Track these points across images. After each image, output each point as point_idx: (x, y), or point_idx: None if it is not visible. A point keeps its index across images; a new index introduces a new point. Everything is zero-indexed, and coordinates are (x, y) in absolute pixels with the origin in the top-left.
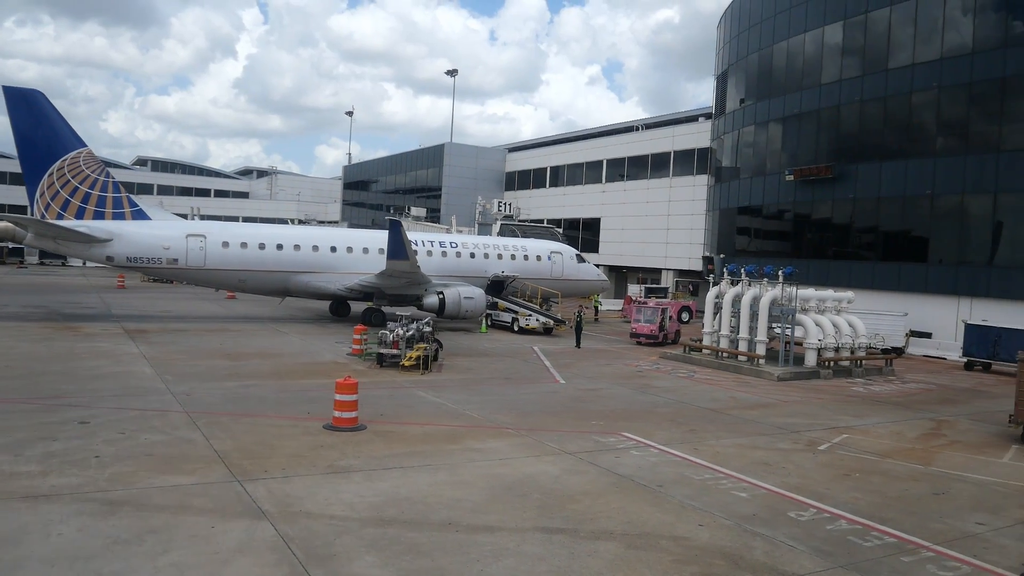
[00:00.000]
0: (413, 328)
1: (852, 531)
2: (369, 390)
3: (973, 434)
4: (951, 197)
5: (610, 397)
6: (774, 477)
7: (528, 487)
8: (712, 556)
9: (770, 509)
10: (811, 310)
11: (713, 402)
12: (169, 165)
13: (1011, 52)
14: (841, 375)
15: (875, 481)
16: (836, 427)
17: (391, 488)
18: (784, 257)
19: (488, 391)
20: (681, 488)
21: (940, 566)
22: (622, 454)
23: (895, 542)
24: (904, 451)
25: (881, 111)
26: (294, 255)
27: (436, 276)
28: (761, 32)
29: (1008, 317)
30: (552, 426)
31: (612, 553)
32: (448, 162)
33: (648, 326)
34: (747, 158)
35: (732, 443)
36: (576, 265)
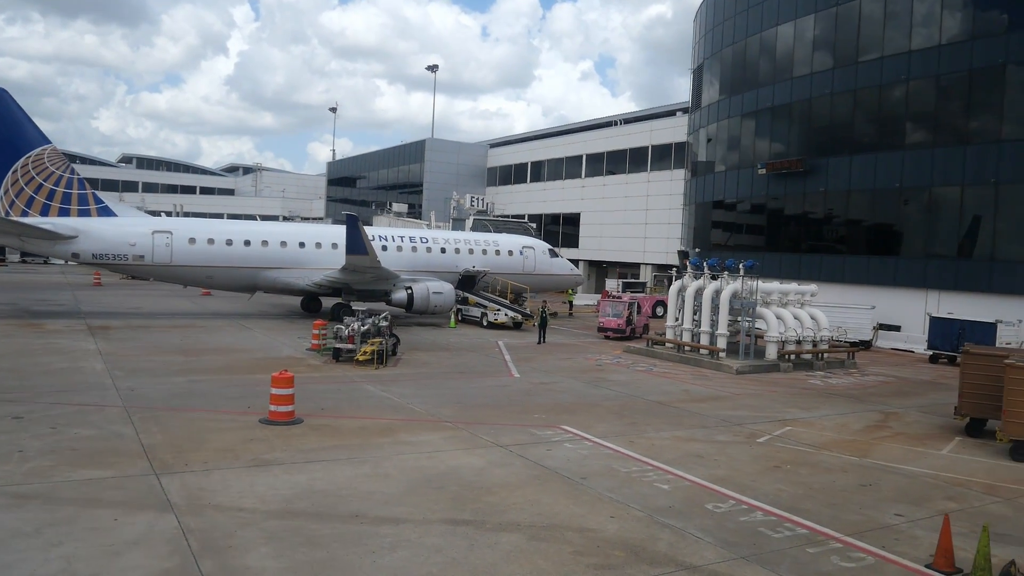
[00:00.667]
0: (369, 323)
1: (765, 523)
2: (317, 384)
3: (919, 426)
4: (919, 190)
5: (561, 391)
6: (702, 469)
7: (448, 480)
8: (614, 548)
9: (689, 501)
10: (773, 303)
11: (664, 395)
12: (154, 162)
13: (977, 45)
14: (802, 368)
15: (804, 473)
16: (782, 419)
17: (308, 481)
18: (758, 251)
19: (438, 385)
20: (604, 480)
21: (844, 557)
22: (555, 447)
23: (806, 533)
24: (843, 443)
25: (851, 104)
26: (262, 251)
27: (406, 271)
28: (735, 26)
29: (975, 310)
30: (493, 419)
31: (512, 545)
32: (429, 158)
33: (615, 320)
34: (722, 152)
35: (670, 435)
36: (549, 260)
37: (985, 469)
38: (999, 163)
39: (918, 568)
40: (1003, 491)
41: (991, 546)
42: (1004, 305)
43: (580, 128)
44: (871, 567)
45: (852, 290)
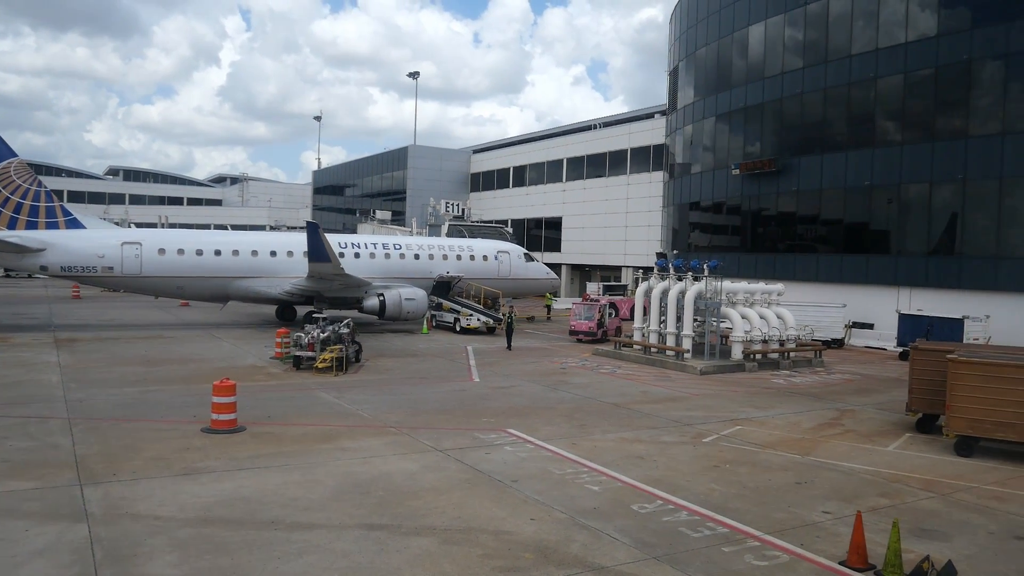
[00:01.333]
0: (329, 330)
1: (688, 522)
2: (271, 392)
3: (872, 423)
4: (889, 188)
5: (517, 394)
6: (639, 470)
7: (377, 485)
8: (525, 550)
9: (616, 502)
10: (739, 303)
11: (620, 397)
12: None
13: (943, 42)
14: (768, 367)
15: (742, 472)
16: (734, 419)
17: (234, 489)
18: (735, 251)
19: (394, 391)
20: (535, 483)
21: (759, 555)
22: (494, 450)
23: (727, 532)
24: (790, 441)
25: (821, 103)
26: (233, 260)
27: (380, 278)
28: (707, 27)
29: (946, 306)
30: (439, 424)
31: (422, 548)
32: (412, 164)
33: (586, 323)
34: (698, 153)
35: (616, 437)
36: (524, 264)
37: (927, 465)
38: (966, 160)
39: (831, 565)
40: (941, 487)
41: (915, 543)
42: (974, 301)
43: (560, 132)
44: (784, 565)
45: (827, 289)
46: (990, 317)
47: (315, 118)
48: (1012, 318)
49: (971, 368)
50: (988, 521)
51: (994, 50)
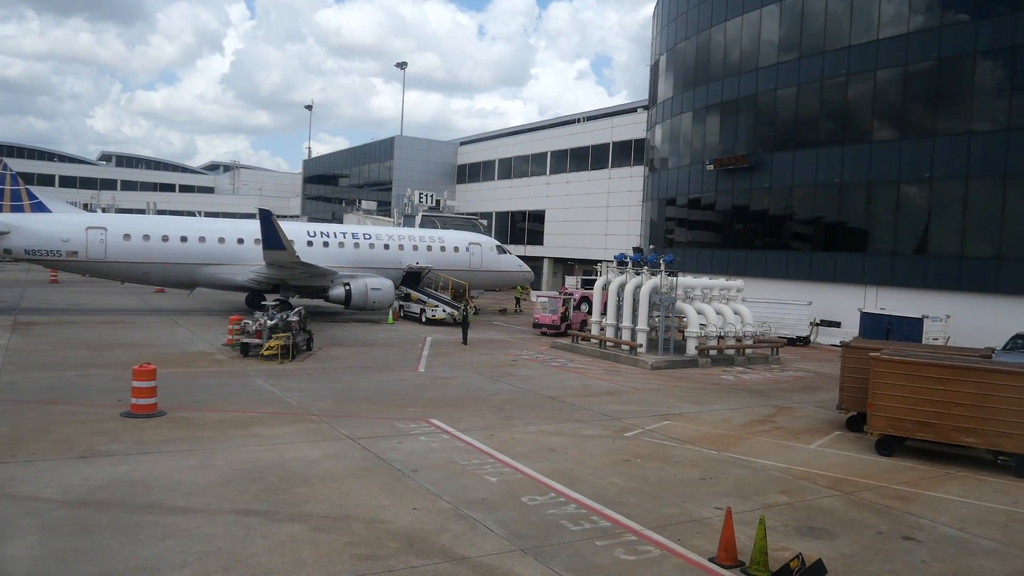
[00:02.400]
0: (277, 318)
1: (573, 515)
2: (208, 379)
3: (806, 421)
4: (857, 186)
5: (456, 385)
6: (546, 463)
7: (271, 471)
8: (393, 539)
9: (508, 494)
10: (696, 298)
11: (561, 390)
12: (134, 160)
13: (913, 40)
14: (722, 363)
15: (651, 467)
16: (667, 414)
17: (126, 472)
18: (710, 247)
19: (332, 380)
20: (434, 473)
21: (629, 550)
22: (408, 440)
23: (608, 526)
24: (713, 437)
25: (794, 99)
26: (199, 247)
27: (348, 267)
28: (687, 21)
29: (911, 305)
30: (364, 413)
31: (289, 535)
32: (398, 155)
33: (550, 316)
34: (676, 148)
35: (537, 430)
36: (496, 256)
37: (844, 463)
38: (933, 159)
39: (700, 561)
40: (848, 485)
41: (798, 540)
42: (939, 300)
43: (545, 125)
44: (651, 560)
45: (796, 286)
46: (951, 317)
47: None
48: (974, 318)
49: (892, 367)
50: (882, 521)
51: (962, 49)
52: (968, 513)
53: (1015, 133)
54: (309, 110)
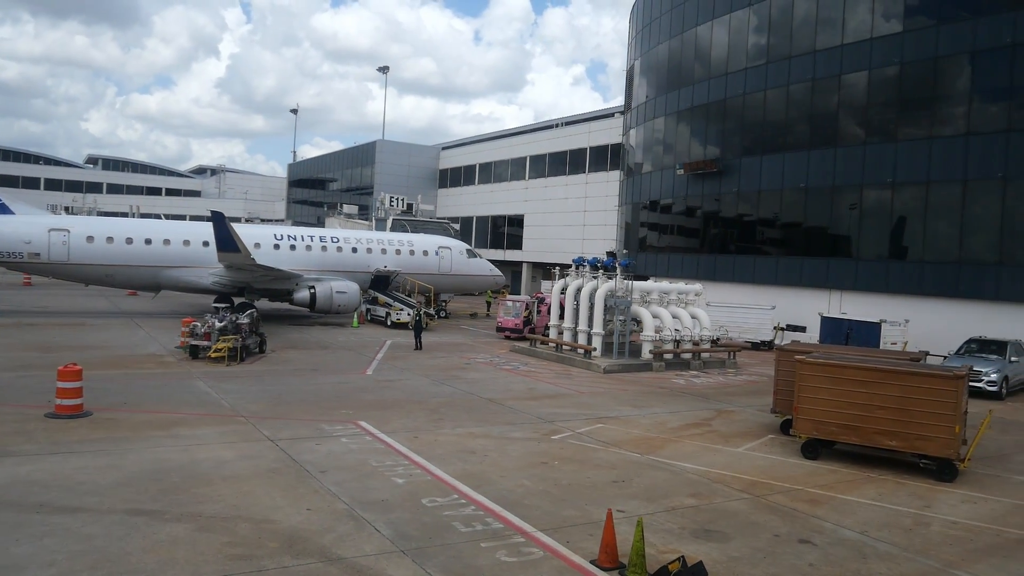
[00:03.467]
0: (227, 320)
1: (469, 517)
2: (149, 380)
3: (742, 424)
4: (822, 191)
5: (398, 388)
6: (460, 465)
7: (177, 472)
8: (274, 539)
9: (409, 495)
10: (653, 302)
11: (503, 393)
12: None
13: (876, 45)
14: (678, 367)
15: (566, 469)
16: (603, 417)
17: (28, 472)
18: (681, 252)
19: (275, 382)
20: (342, 474)
21: (513, 552)
22: (328, 441)
23: (500, 528)
24: (642, 440)
25: (761, 105)
26: (164, 250)
27: (315, 270)
28: (661, 26)
29: (875, 310)
30: (295, 415)
31: (171, 535)
32: (380, 159)
33: (512, 320)
34: (650, 153)
35: (464, 432)
36: (466, 260)
37: (766, 466)
38: (895, 164)
39: (580, 563)
40: (761, 488)
41: (690, 543)
42: (901, 304)
43: (525, 130)
44: (530, 563)
45: (764, 291)
46: (909, 321)
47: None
48: (936, 322)
49: (816, 370)
50: (784, 524)
51: (923, 54)
52: (876, 516)
53: (974, 138)
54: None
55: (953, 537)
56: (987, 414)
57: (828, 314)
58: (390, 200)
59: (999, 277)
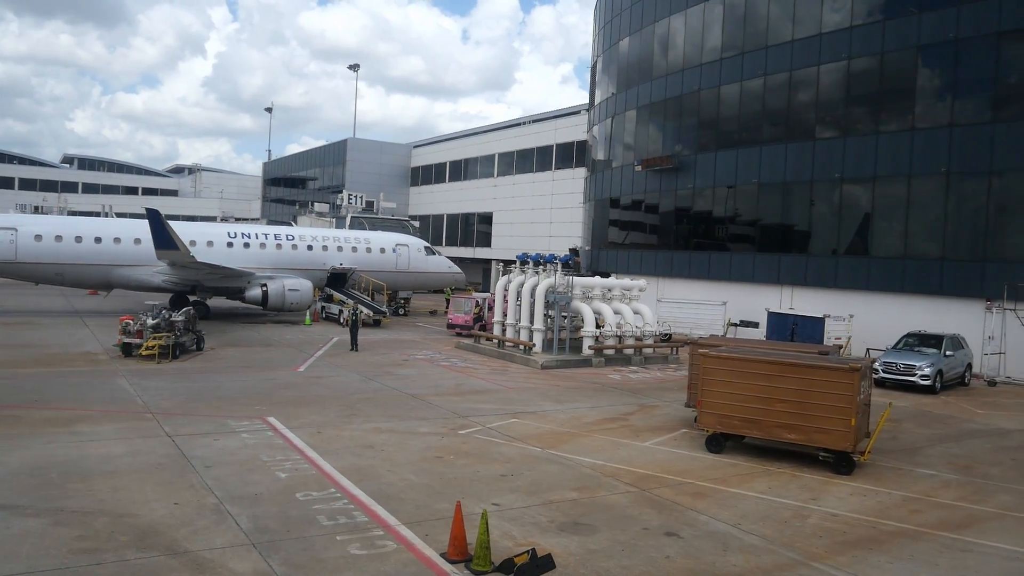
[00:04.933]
0: (160, 318)
1: (337, 511)
2: (74, 377)
3: (660, 419)
4: (774, 187)
5: (324, 385)
6: (352, 459)
7: (60, 468)
8: (128, 533)
9: (287, 489)
10: (595, 298)
11: (429, 389)
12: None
13: (825, 41)
14: (618, 363)
15: (459, 464)
16: (521, 412)
17: None
18: (641, 248)
19: (201, 379)
20: (227, 469)
21: (366, 545)
22: (228, 437)
23: (364, 521)
24: (550, 435)
25: (715, 101)
26: (114, 248)
27: (270, 268)
28: (622, 21)
29: (825, 305)
30: (206, 411)
31: (24, 529)
32: (351, 158)
33: (463, 317)
34: (612, 149)
35: (371, 427)
36: (424, 257)
37: (666, 460)
38: (844, 160)
39: (429, 556)
40: (651, 482)
41: (554, 536)
42: (848, 299)
43: (494, 128)
44: (379, 555)
45: (718, 287)
46: (854, 316)
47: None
48: (882, 317)
49: (720, 363)
50: (658, 516)
51: (870, 49)
52: (757, 509)
53: (919, 133)
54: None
55: (827, 529)
56: (887, 407)
57: (776, 310)
58: (348, 198)
59: (943, 272)
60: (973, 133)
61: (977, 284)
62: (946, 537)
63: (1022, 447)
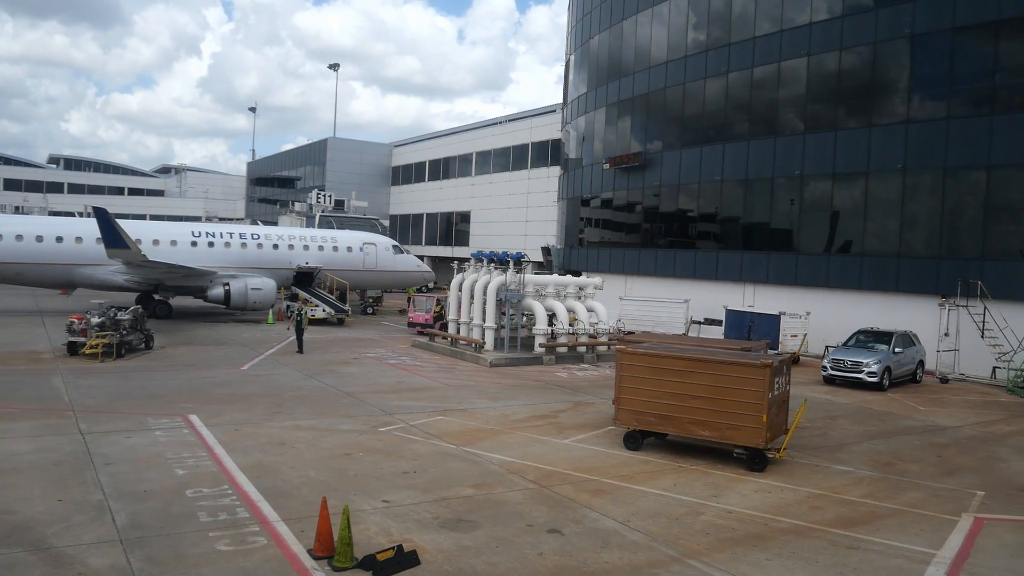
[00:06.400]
0: (105, 316)
1: (220, 507)
2: (8, 376)
3: (591, 416)
4: (737, 183)
5: (261, 383)
6: (259, 456)
7: None
8: None
9: (179, 486)
10: (549, 295)
11: (367, 387)
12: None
13: (786, 37)
14: (571, 360)
15: (367, 461)
16: (451, 409)
17: None
18: (611, 246)
19: (139, 378)
20: (126, 466)
21: (237, 540)
22: (141, 435)
23: (245, 518)
24: (471, 432)
25: (680, 98)
26: (76, 248)
27: (235, 267)
28: (593, 18)
29: (785, 303)
30: (130, 409)
31: None
32: (331, 157)
33: (423, 315)
34: (585, 147)
35: (292, 424)
36: (392, 256)
37: (578, 457)
38: (803, 157)
39: (294, 552)
40: (555, 479)
41: (437, 533)
42: (808, 297)
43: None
44: (245, 552)
45: (684, 284)
46: (810, 313)
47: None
48: (840, 314)
49: (635, 359)
50: (548, 513)
51: (828, 46)
52: (652, 506)
53: (876, 130)
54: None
55: (716, 527)
56: (803, 403)
57: (736, 308)
58: (317, 196)
59: (899, 269)
60: (928, 130)
61: (933, 281)
62: (837, 534)
63: (951, 444)
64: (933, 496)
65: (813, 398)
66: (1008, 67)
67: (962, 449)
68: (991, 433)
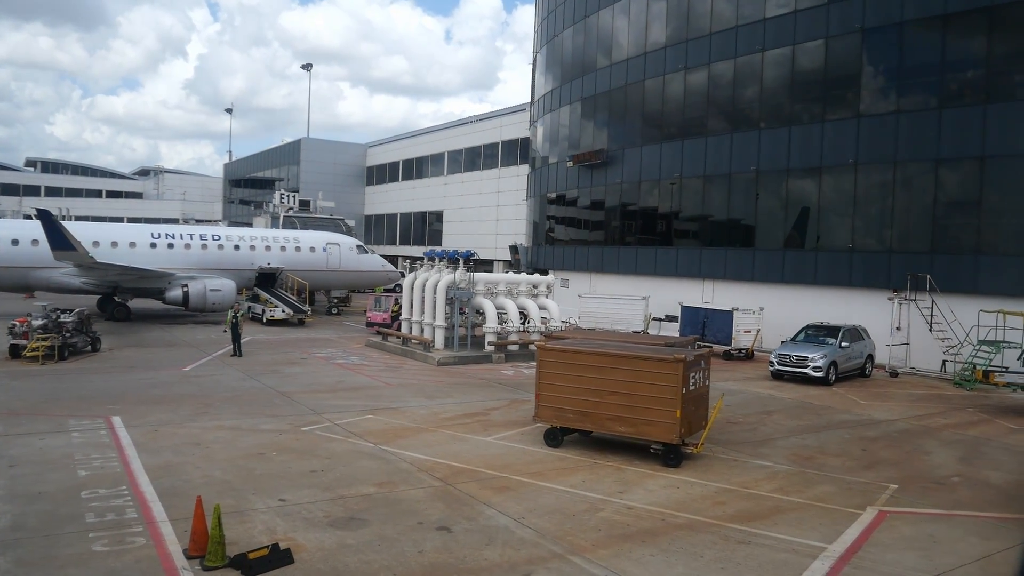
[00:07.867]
0: (48, 319)
1: (109, 508)
2: None
3: (522, 413)
4: (695, 180)
5: (198, 384)
6: (168, 456)
7: None
8: None
9: (77, 487)
10: (500, 294)
11: (305, 387)
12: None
13: (741, 33)
14: (521, 359)
15: (278, 460)
16: (383, 408)
17: None
18: (576, 244)
19: (75, 380)
20: (31, 468)
21: (115, 541)
22: (56, 436)
23: (132, 518)
24: (394, 430)
25: (640, 95)
26: (32, 250)
27: (195, 268)
28: (559, 15)
29: (743, 299)
30: (52, 411)
31: None
32: (305, 157)
33: (381, 315)
34: (550, 145)
35: (215, 425)
36: (356, 256)
37: (494, 455)
38: (759, 152)
39: (170, 552)
40: (464, 476)
41: (326, 530)
42: (765, 292)
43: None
44: (120, 552)
45: (646, 281)
46: (764, 309)
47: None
48: (795, 309)
49: (554, 355)
50: (444, 511)
51: (782, 42)
52: (553, 503)
53: (829, 125)
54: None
55: (611, 523)
56: (719, 399)
57: (691, 304)
58: (281, 197)
59: (851, 264)
60: (878, 124)
61: (885, 275)
62: (732, 529)
63: (880, 438)
64: (845, 490)
65: (755, 393)
66: (956, 61)
67: (891, 442)
68: (925, 426)
